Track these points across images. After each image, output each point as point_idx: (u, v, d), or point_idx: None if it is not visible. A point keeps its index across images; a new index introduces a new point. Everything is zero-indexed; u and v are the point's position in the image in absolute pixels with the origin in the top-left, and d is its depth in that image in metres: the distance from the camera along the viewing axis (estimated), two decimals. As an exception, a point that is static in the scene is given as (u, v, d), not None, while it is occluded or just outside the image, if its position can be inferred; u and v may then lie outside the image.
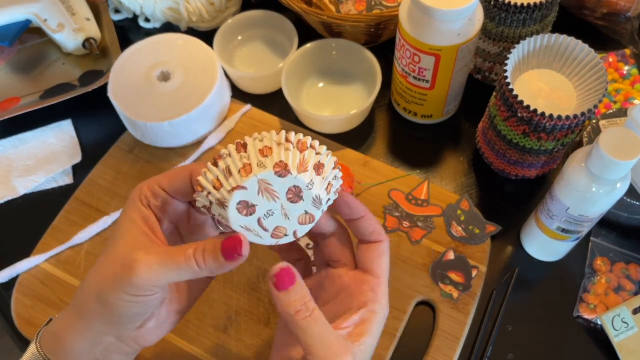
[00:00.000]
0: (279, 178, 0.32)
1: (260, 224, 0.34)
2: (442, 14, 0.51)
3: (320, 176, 0.34)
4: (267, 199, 0.33)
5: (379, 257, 0.38)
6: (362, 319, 0.36)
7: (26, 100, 0.68)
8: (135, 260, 0.33)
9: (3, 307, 0.56)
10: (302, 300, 0.34)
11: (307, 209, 0.34)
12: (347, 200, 0.36)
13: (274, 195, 0.33)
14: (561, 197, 0.48)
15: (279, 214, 0.34)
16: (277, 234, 0.35)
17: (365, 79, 0.67)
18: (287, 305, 0.34)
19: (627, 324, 0.52)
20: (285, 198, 0.33)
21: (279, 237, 0.35)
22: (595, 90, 0.51)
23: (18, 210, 0.63)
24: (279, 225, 0.34)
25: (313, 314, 0.34)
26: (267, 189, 0.33)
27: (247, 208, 0.33)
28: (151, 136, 0.62)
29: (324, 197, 0.34)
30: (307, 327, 0.33)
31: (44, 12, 0.69)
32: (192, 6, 0.72)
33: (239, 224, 0.34)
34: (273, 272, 0.34)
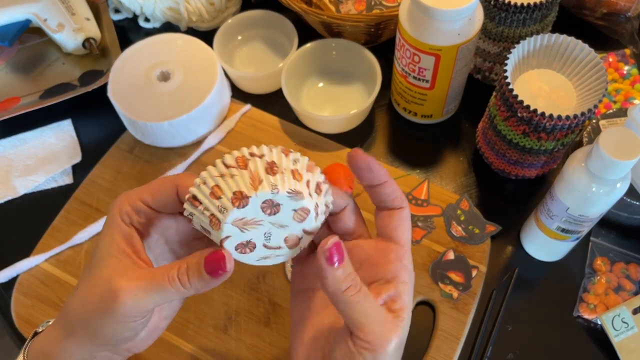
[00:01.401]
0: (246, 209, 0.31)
1: (269, 248, 0.34)
2: (442, 14, 0.51)
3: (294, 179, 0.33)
4: (255, 228, 0.32)
5: (402, 224, 0.36)
6: (397, 292, 0.34)
7: (26, 100, 0.68)
8: (119, 289, 0.32)
9: (3, 307, 0.56)
10: (352, 275, 0.32)
11: (294, 207, 0.33)
12: (369, 164, 0.34)
13: (258, 223, 0.32)
14: (561, 197, 0.48)
15: (276, 230, 0.33)
16: (291, 244, 0.34)
17: (365, 79, 0.67)
18: (338, 281, 0.32)
19: (627, 324, 0.52)
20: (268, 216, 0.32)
21: (295, 244, 0.34)
22: (595, 90, 0.51)
23: (18, 210, 0.63)
24: (286, 237, 0.34)
25: (362, 289, 0.32)
26: (247, 223, 0.32)
27: (245, 247, 0.33)
28: (151, 136, 0.62)
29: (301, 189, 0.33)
30: (358, 303, 0.32)
31: (44, 12, 0.69)
32: (192, 6, 0.72)
33: (251, 261, 0.34)
34: (326, 247, 0.32)
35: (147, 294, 0.32)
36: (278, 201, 0.32)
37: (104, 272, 0.33)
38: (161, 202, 0.35)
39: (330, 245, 0.32)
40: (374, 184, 0.35)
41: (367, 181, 0.35)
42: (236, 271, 0.56)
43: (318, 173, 0.35)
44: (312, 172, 0.34)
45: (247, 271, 0.56)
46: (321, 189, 0.34)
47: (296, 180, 0.32)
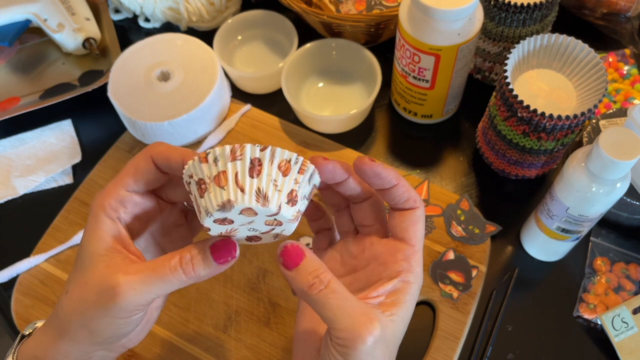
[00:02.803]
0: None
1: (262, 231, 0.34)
2: (442, 14, 0.51)
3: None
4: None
5: (414, 224, 0.35)
6: (395, 288, 0.34)
7: (26, 100, 0.67)
8: (117, 285, 0.31)
9: (3, 307, 0.57)
10: (315, 273, 0.32)
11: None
12: (376, 171, 0.33)
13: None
14: (561, 197, 0.48)
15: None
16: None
17: (365, 79, 0.67)
18: (299, 282, 0.32)
19: (627, 324, 0.52)
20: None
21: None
22: (595, 90, 0.51)
23: (18, 210, 0.63)
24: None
25: (329, 285, 0.32)
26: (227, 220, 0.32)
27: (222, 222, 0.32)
28: (151, 136, 0.62)
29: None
30: (324, 300, 0.31)
31: (44, 12, 0.69)
32: (192, 6, 0.72)
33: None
34: (279, 252, 0.32)
35: (147, 286, 0.32)
36: (220, 218, 0.31)
37: (96, 271, 0.32)
38: (142, 181, 0.34)
39: (281, 250, 0.32)
40: (385, 188, 0.35)
41: (378, 186, 0.35)
42: (236, 271, 0.56)
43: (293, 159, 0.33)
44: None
45: (247, 271, 0.56)
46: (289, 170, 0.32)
47: (221, 186, 0.31)
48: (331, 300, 0.31)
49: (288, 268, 0.32)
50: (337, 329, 0.31)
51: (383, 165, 0.34)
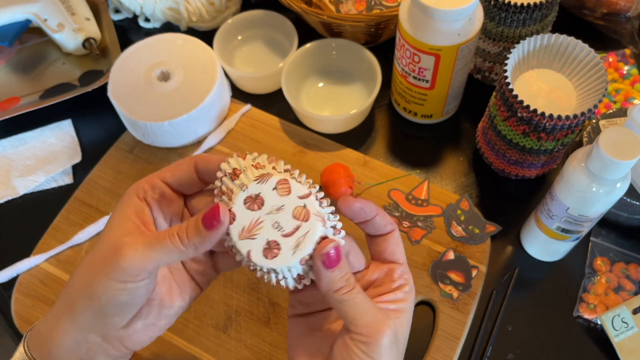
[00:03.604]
0: None
1: (289, 235, 0.34)
2: (442, 14, 0.51)
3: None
4: (261, 228, 0.34)
5: (398, 245, 0.38)
6: (397, 298, 0.37)
7: (26, 100, 0.67)
8: (123, 244, 0.33)
9: (3, 307, 0.57)
10: (346, 276, 0.34)
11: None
12: (362, 206, 0.36)
13: (258, 223, 0.34)
14: (561, 197, 0.48)
15: (279, 216, 0.34)
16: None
17: (365, 79, 0.67)
18: (332, 282, 0.34)
19: (627, 324, 0.52)
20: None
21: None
22: (595, 90, 0.51)
23: (18, 210, 0.63)
24: (292, 213, 0.35)
25: (355, 287, 0.34)
26: (250, 230, 0.34)
27: (269, 250, 0.34)
28: (151, 136, 0.62)
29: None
30: (350, 299, 0.34)
31: (44, 12, 0.69)
32: (192, 6, 0.72)
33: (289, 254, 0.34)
34: (324, 251, 0.34)
35: (149, 249, 0.33)
36: (254, 193, 0.34)
37: (110, 237, 0.34)
38: (178, 176, 0.37)
39: (327, 251, 0.34)
40: (368, 220, 0.38)
41: (362, 219, 0.37)
42: (236, 271, 0.56)
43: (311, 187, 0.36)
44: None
45: (247, 271, 0.56)
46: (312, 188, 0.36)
47: (259, 169, 0.35)
48: (356, 300, 0.34)
49: (328, 267, 0.34)
50: (360, 325, 0.34)
51: (363, 199, 0.37)
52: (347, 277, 0.34)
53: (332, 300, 0.34)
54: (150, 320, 0.37)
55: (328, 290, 0.34)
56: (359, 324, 0.34)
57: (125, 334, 0.36)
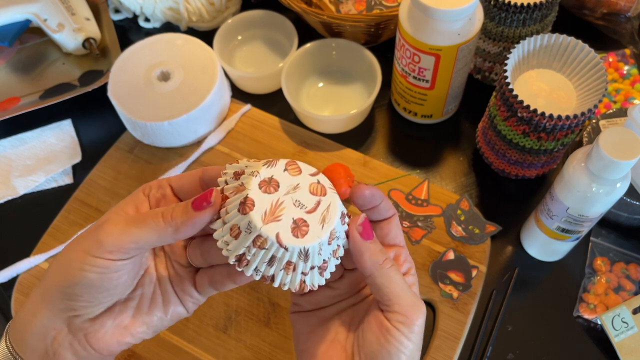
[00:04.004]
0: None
1: (311, 212, 0.34)
2: (442, 14, 0.51)
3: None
4: (284, 209, 0.33)
5: (399, 228, 0.39)
6: (410, 282, 0.37)
7: (26, 100, 0.67)
8: (106, 221, 0.33)
9: (3, 307, 0.57)
10: (384, 250, 0.34)
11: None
12: (372, 192, 0.36)
13: (280, 205, 0.33)
14: (561, 197, 0.48)
15: (297, 193, 0.34)
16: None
17: (365, 79, 0.67)
18: (375, 254, 0.34)
19: (627, 324, 0.52)
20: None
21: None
22: (595, 90, 0.51)
23: (18, 210, 0.63)
24: (309, 187, 0.34)
25: (395, 264, 0.34)
26: (274, 212, 0.33)
27: (298, 228, 0.33)
28: (151, 136, 0.62)
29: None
30: (395, 275, 0.34)
31: (44, 12, 0.69)
32: (192, 6, 0.72)
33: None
34: (359, 222, 0.34)
35: (128, 225, 0.32)
36: (267, 176, 0.33)
37: (102, 218, 0.34)
38: (182, 183, 0.37)
39: (362, 221, 0.34)
40: (376, 205, 0.37)
41: (372, 205, 0.37)
42: (236, 271, 0.56)
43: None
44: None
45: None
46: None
47: (256, 161, 0.34)
48: (399, 276, 0.34)
49: (366, 238, 0.34)
50: (403, 304, 0.34)
51: (371, 185, 0.37)
52: (385, 251, 0.34)
53: (376, 276, 0.34)
54: (122, 321, 0.35)
55: (374, 264, 0.34)
56: (402, 302, 0.33)
57: (92, 328, 0.34)
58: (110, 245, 0.32)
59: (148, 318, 0.36)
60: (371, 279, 0.34)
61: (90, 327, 0.34)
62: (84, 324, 0.34)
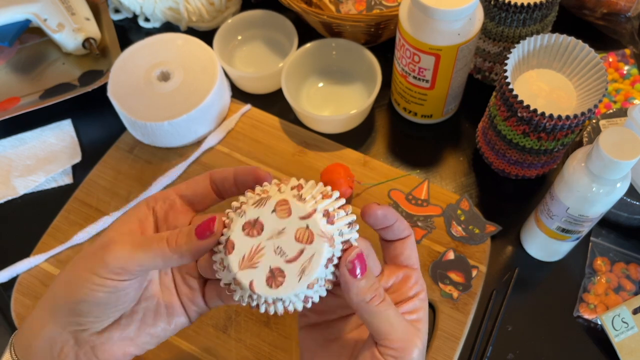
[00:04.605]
0: None
1: (293, 261, 0.33)
2: (442, 14, 0.51)
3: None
4: (263, 255, 0.33)
5: (414, 250, 0.38)
6: (415, 307, 0.36)
7: (26, 100, 0.67)
8: (112, 242, 0.33)
9: (3, 307, 0.57)
10: (375, 286, 0.33)
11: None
12: (385, 213, 0.36)
13: (259, 250, 0.33)
14: (561, 197, 0.48)
15: (280, 240, 0.33)
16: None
17: (365, 79, 0.67)
18: (362, 292, 0.33)
19: (627, 324, 0.52)
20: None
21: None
22: (596, 90, 0.51)
23: (18, 210, 0.63)
24: (295, 235, 0.33)
25: (386, 299, 0.33)
26: (251, 258, 0.33)
27: (273, 279, 0.33)
28: (151, 136, 0.62)
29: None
30: (383, 312, 0.33)
31: (44, 12, 0.69)
32: (192, 6, 0.72)
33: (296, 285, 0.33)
34: (349, 259, 0.32)
35: (135, 248, 0.33)
36: (253, 218, 0.32)
37: (105, 236, 0.35)
38: (194, 189, 0.38)
39: (352, 257, 0.33)
40: (389, 225, 0.37)
41: (384, 226, 0.37)
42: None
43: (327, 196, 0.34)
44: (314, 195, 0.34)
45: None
46: (328, 196, 0.34)
47: (259, 194, 0.33)
48: (389, 312, 0.33)
49: (354, 276, 0.33)
50: (393, 339, 0.33)
51: (385, 205, 0.36)
52: (376, 286, 0.33)
53: (363, 313, 0.33)
54: (128, 333, 0.36)
55: (360, 302, 0.33)
56: (392, 338, 0.33)
57: (99, 341, 0.35)
58: (118, 269, 0.33)
59: (153, 329, 0.37)
60: (359, 315, 0.33)
61: (97, 339, 0.35)
62: (91, 337, 0.35)
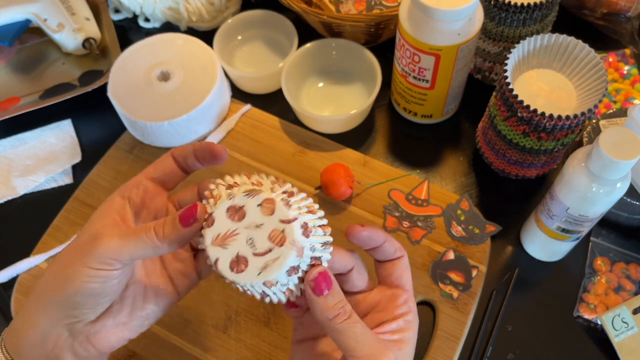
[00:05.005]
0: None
1: (260, 255, 0.34)
2: (442, 14, 0.51)
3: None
4: (235, 240, 0.34)
5: (405, 271, 0.38)
6: (399, 327, 0.36)
7: (26, 100, 0.68)
8: (101, 234, 0.34)
9: (3, 307, 0.57)
10: (341, 304, 0.34)
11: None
12: (370, 234, 0.36)
13: (234, 233, 0.34)
14: (561, 197, 0.48)
15: (255, 232, 0.34)
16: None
17: (365, 79, 0.67)
18: (326, 310, 0.33)
19: (627, 324, 0.52)
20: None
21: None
22: (596, 90, 0.51)
23: (18, 210, 0.63)
24: (269, 234, 0.34)
25: (352, 316, 0.34)
26: (225, 238, 0.34)
27: (237, 264, 0.34)
28: (151, 136, 0.62)
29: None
30: (348, 329, 0.33)
31: (44, 12, 0.69)
32: (192, 6, 0.72)
33: (253, 278, 0.34)
34: (311, 277, 0.33)
35: (124, 240, 0.34)
36: (239, 204, 0.34)
37: (89, 229, 0.35)
38: (161, 170, 0.39)
39: (315, 276, 0.33)
40: (377, 246, 0.37)
41: (370, 246, 0.37)
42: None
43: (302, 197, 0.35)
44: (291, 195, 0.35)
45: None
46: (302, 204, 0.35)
47: (254, 185, 0.35)
48: (354, 330, 0.33)
49: (317, 294, 0.33)
50: (359, 355, 0.33)
51: (371, 226, 0.36)
52: (342, 304, 0.33)
53: (327, 329, 0.33)
54: (121, 319, 0.37)
55: (324, 319, 0.33)
56: (358, 354, 0.33)
57: (93, 330, 0.35)
58: (109, 259, 0.33)
59: (143, 312, 0.38)
60: (325, 331, 0.34)
61: (92, 328, 0.36)
62: (85, 327, 0.35)
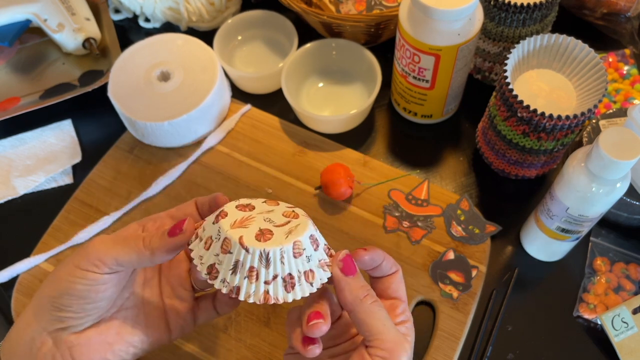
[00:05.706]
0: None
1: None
2: (442, 14, 0.51)
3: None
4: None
5: (401, 283, 0.39)
6: (402, 333, 0.37)
7: (26, 100, 0.68)
8: (97, 238, 0.36)
9: (3, 307, 0.57)
10: (367, 286, 0.35)
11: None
12: (372, 257, 0.37)
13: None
14: (561, 197, 0.48)
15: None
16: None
17: (365, 79, 0.67)
18: (355, 289, 0.34)
19: (627, 324, 0.52)
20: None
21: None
22: (595, 90, 0.51)
23: (18, 210, 0.63)
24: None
25: (378, 300, 0.35)
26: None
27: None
28: (151, 136, 0.62)
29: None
30: (377, 311, 0.34)
31: (44, 12, 0.69)
32: (192, 6, 0.72)
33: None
34: (340, 258, 0.35)
35: (113, 243, 0.35)
36: (246, 203, 0.36)
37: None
38: (184, 212, 0.40)
39: (343, 256, 0.35)
40: (375, 267, 0.39)
41: (372, 267, 0.38)
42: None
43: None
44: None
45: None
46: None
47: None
48: (382, 312, 0.34)
49: (347, 274, 0.34)
50: (385, 339, 0.34)
51: (372, 249, 0.37)
52: (368, 287, 0.35)
53: (358, 311, 0.34)
54: (107, 338, 0.37)
55: (354, 298, 0.34)
56: (384, 338, 0.34)
57: (77, 341, 0.36)
58: (95, 259, 0.35)
59: (130, 337, 0.39)
60: (353, 314, 0.35)
61: (76, 340, 0.36)
62: (70, 337, 0.36)
